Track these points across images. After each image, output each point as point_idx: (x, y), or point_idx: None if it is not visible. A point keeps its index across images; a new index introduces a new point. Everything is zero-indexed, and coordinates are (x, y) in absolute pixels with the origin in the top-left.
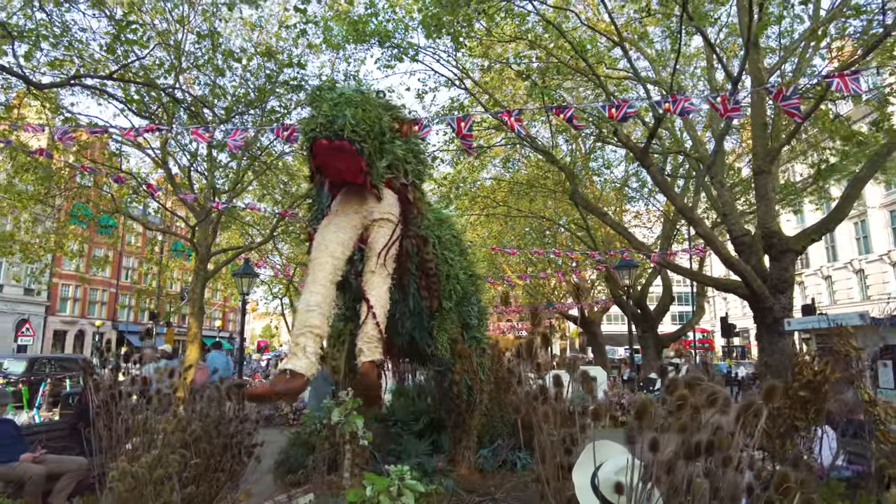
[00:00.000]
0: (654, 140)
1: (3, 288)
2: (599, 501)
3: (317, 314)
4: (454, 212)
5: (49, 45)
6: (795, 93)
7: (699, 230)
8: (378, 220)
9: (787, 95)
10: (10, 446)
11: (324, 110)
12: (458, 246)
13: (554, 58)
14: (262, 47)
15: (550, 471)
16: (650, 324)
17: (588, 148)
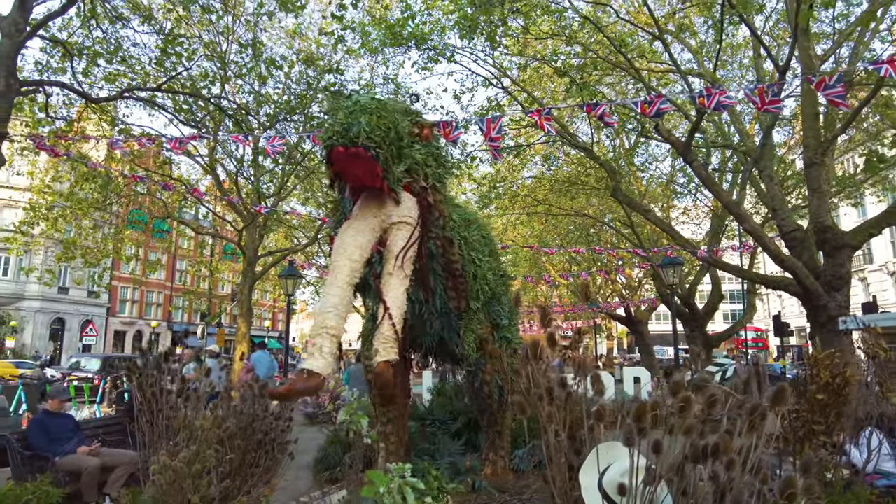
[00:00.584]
0: (699, 134)
1: (70, 291)
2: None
3: (333, 315)
4: (494, 211)
5: (104, 62)
6: (840, 81)
7: (746, 226)
8: (397, 223)
9: (831, 84)
10: (69, 440)
11: (339, 118)
12: (488, 247)
13: (592, 53)
14: (303, 54)
15: (557, 471)
16: (698, 323)
17: (632, 143)
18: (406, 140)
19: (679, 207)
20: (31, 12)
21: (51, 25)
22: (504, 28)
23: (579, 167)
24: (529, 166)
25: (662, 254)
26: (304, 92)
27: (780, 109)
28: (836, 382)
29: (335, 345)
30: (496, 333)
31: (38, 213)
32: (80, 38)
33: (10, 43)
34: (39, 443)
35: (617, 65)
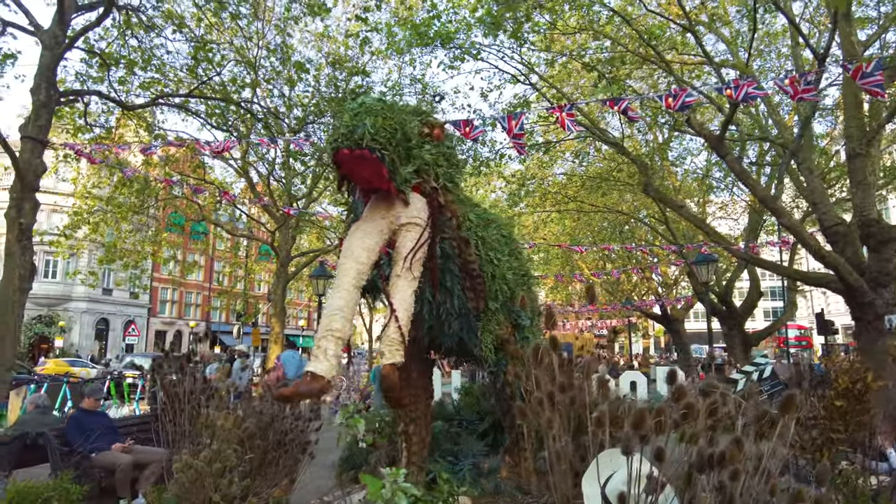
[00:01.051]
0: (734, 126)
1: (113, 292)
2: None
3: (339, 318)
4: (525, 209)
5: (139, 70)
6: (879, 68)
7: (783, 221)
8: (405, 224)
9: (868, 72)
10: (103, 437)
11: (345, 121)
12: (508, 246)
13: (622, 47)
14: (332, 57)
15: (560, 478)
16: (736, 321)
17: (665, 137)
18: (415, 141)
19: (716, 202)
20: (69, 25)
21: (89, 36)
22: (530, 24)
23: (611, 163)
24: (560, 163)
25: (697, 250)
26: (331, 95)
27: (817, 98)
28: (857, 388)
29: (340, 347)
30: (518, 334)
31: (80, 217)
32: (117, 47)
33: (49, 55)
34: (76, 439)
35: (647, 58)
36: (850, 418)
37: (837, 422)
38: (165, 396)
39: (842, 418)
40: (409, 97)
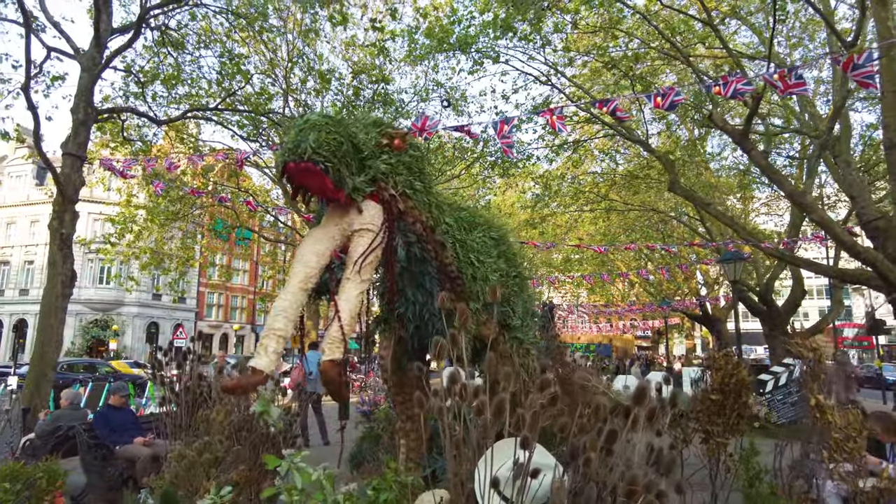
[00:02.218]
0: (760, 121)
1: (162, 297)
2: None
3: (282, 318)
4: (557, 208)
5: (170, 86)
6: (871, 59)
7: (814, 216)
8: (358, 230)
9: (859, 63)
10: (127, 431)
11: (290, 137)
12: (497, 248)
13: (641, 42)
14: (357, 66)
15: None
16: (778, 321)
17: (699, 134)
18: (368, 152)
19: (760, 198)
20: (106, 47)
21: (126, 55)
22: (552, 24)
23: (641, 160)
24: (592, 162)
25: (737, 247)
26: (354, 102)
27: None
28: (731, 383)
29: (281, 345)
30: (507, 334)
31: (124, 226)
32: (153, 64)
33: (87, 76)
34: (103, 433)
35: (669, 54)
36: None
37: (715, 416)
38: (167, 392)
39: (718, 411)
40: (433, 101)
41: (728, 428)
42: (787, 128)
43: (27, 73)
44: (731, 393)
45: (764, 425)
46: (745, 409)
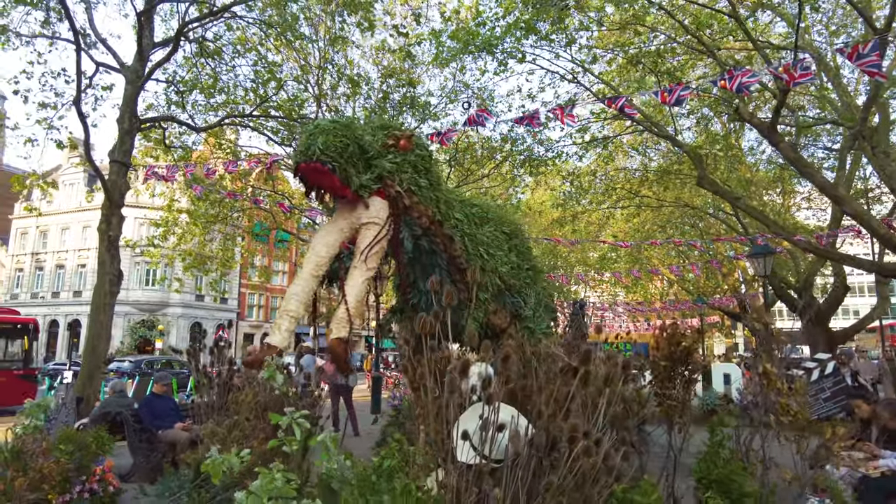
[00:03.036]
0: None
1: (205, 298)
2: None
3: (294, 301)
4: (590, 206)
5: (209, 94)
6: (875, 49)
7: (847, 209)
8: (365, 223)
9: (864, 53)
10: (168, 417)
11: (302, 140)
12: (509, 242)
13: (670, 39)
14: (388, 70)
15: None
16: (818, 318)
17: (734, 127)
18: (374, 152)
19: (801, 192)
20: (148, 60)
21: (167, 67)
22: (562, 25)
23: (673, 156)
24: (624, 157)
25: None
26: (382, 106)
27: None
28: (678, 351)
29: (293, 324)
30: (518, 324)
31: (167, 229)
32: (192, 74)
33: (131, 88)
34: (147, 419)
35: (695, 48)
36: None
37: (666, 381)
38: (200, 379)
39: (668, 377)
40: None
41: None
42: (822, 119)
43: (78, 87)
44: (678, 360)
45: None
46: (695, 374)
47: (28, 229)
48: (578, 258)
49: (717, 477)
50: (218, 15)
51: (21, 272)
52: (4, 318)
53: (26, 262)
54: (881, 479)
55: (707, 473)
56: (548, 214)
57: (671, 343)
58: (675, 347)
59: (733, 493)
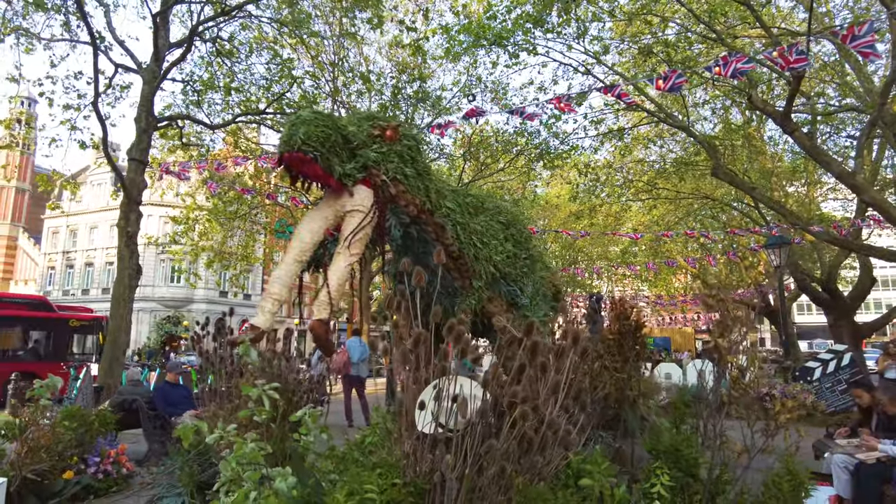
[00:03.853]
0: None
1: (228, 294)
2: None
3: (278, 284)
4: (608, 199)
5: (224, 92)
6: (871, 30)
7: (865, 198)
8: (350, 211)
9: (859, 35)
10: (182, 405)
11: (285, 131)
12: (505, 232)
13: (684, 28)
14: (400, 66)
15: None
16: (843, 311)
17: (753, 117)
18: (359, 142)
19: (828, 183)
20: (164, 60)
21: (183, 67)
22: (569, 18)
23: (690, 147)
24: (643, 148)
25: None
26: (394, 101)
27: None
28: (626, 325)
29: (277, 306)
30: (515, 312)
31: (189, 226)
32: (209, 73)
33: (148, 88)
34: (160, 406)
35: (708, 37)
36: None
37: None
38: (203, 363)
39: (616, 350)
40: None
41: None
42: (844, 107)
43: (95, 88)
44: (627, 333)
45: (811, 413)
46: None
47: (59, 228)
48: (600, 253)
49: (665, 448)
50: (230, 14)
51: (53, 270)
52: (82, 316)
53: (57, 261)
54: (876, 465)
55: (656, 445)
56: (565, 208)
57: (619, 318)
58: (624, 322)
59: (681, 462)
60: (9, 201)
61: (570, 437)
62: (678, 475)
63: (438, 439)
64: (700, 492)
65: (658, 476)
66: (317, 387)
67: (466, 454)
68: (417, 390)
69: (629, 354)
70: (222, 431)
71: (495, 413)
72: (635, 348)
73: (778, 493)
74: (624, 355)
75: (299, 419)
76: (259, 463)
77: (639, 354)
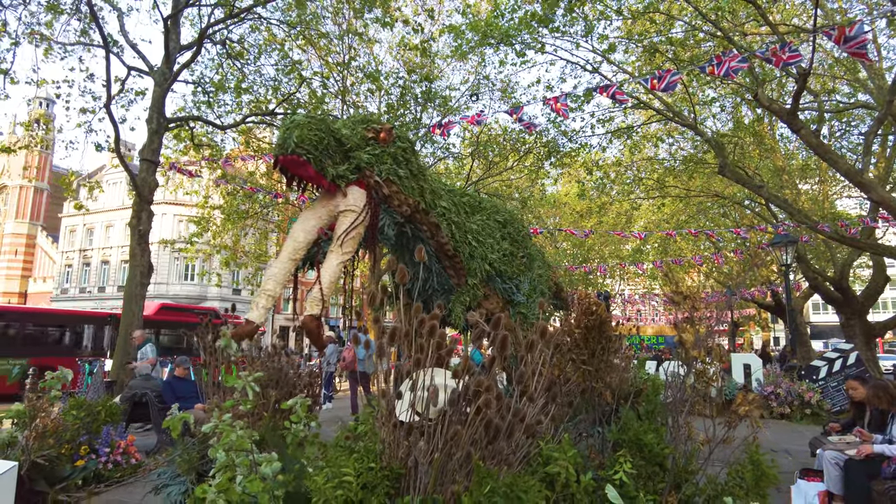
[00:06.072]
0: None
1: (241, 292)
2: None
3: (272, 282)
4: (617, 196)
5: (235, 92)
6: (862, 31)
7: (872, 196)
8: (343, 211)
9: (851, 35)
10: (189, 399)
11: (279, 135)
12: (502, 231)
13: (690, 27)
14: (409, 66)
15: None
16: (855, 310)
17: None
18: (351, 144)
19: (842, 181)
20: (175, 63)
21: (193, 69)
22: (574, 17)
23: (698, 144)
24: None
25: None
26: (401, 101)
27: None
28: (591, 319)
29: (271, 302)
30: (512, 309)
31: (202, 225)
32: (220, 75)
33: (159, 90)
34: (168, 399)
35: (715, 35)
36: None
37: (581, 347)
38: (205, 356)
39: (583, 343)
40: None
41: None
42: (854, 104)
43: (108, 90)
44: (592, 328)
45: (816, 412)
46: (610, 341)
47: (76, 227)
48: (612, 251)
49: (628, 437)
50: (239, 17)
51: (70, 268)
52: None
53: (75, 259)
54: (864, 462)
55: (621, 435)
56: (575, 206)
57: (583, 312)
58: (588, 317)
59: (644, 451)
60: (28, 200)
61: (537, 426)
62: (641, 464)
63: (414, 427)
64: (664, 480)
65: (621, 464)
66: (316, 381)
67: (438, 441)
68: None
69: (595, 347)
70: (217, 421)
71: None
72: (601, 342)
73: (741, 482)
74: (590, 349)
75: (290, 408)
76: (246, 449)
77: (605, 348)
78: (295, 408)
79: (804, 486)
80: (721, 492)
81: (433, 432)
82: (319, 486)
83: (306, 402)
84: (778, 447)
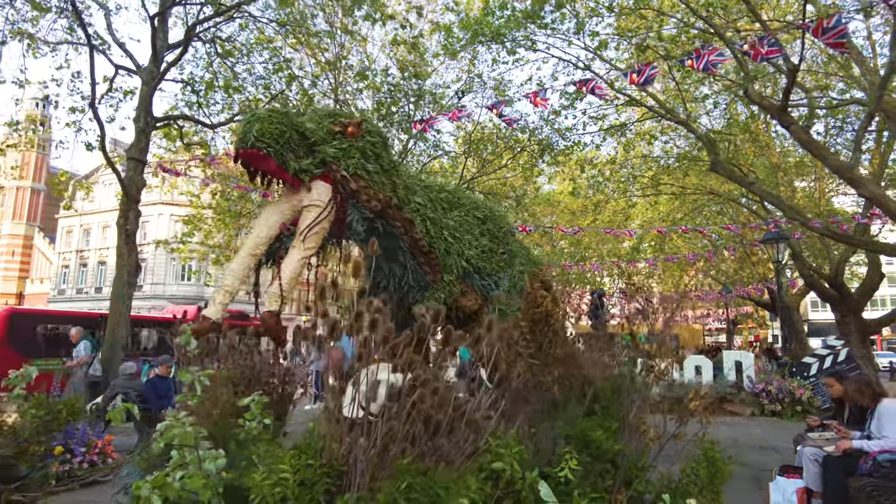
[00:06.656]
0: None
1: (239, 291)
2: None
3: (230, 277)
4: (613, 194)
5: (228, 93)
6: (840, 23)
7: (864, 192)
8: (307, 206)
9: (829, 27)
10: (167, 398)
11: (240, 128)
12: (481, 227)
13: (682, 24)
14: (400, 63)
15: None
16: (850, 307)
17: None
18: (316, 138)
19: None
20: (163, 61)
21: (183, 67)
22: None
23: (692, 142)
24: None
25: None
26: (391, 98)
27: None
28: (538, 312)
29: (228, 298)
30: (489, 305)
31: (194, 225)
32: (210, 73)
33: (146, 89)
34: (151, 399)
35: (706, 31)
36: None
37: (528, 340)
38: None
39: (531, 335)
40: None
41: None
42: (847, 101)
43: (92, 88)
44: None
45: (807, 409)
46: (556, 334)
47: (73, 228)
48: (610, 249)
49: (574, 434)
50: (225, 14)
51: (67, 269)
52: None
53: (71, 259)
54: (842, 458)
55: (567, 431)
56: (570, 205)
57: (530, 305)
58: (535, 309)
59: (591, 447)
60: (25, 201)
61: (485, 421)
62: (587, 460)
63: (356, 422)
64: (616, 478)
65: (567, 461)
66: (292, 379)
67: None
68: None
69: (542, 340)
70: (173, 418)
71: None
72: (548, 335)
73: (696, 479)
74: (537, 342)
75: (247, 405)
76: (191, 445)
77: (552, 341)
78: (250, 405)
79: (783, 482)
80: (675, 488)
81: (373, 428)
82: (257, 483)
83: (262, 399)
84: (766, 444)
